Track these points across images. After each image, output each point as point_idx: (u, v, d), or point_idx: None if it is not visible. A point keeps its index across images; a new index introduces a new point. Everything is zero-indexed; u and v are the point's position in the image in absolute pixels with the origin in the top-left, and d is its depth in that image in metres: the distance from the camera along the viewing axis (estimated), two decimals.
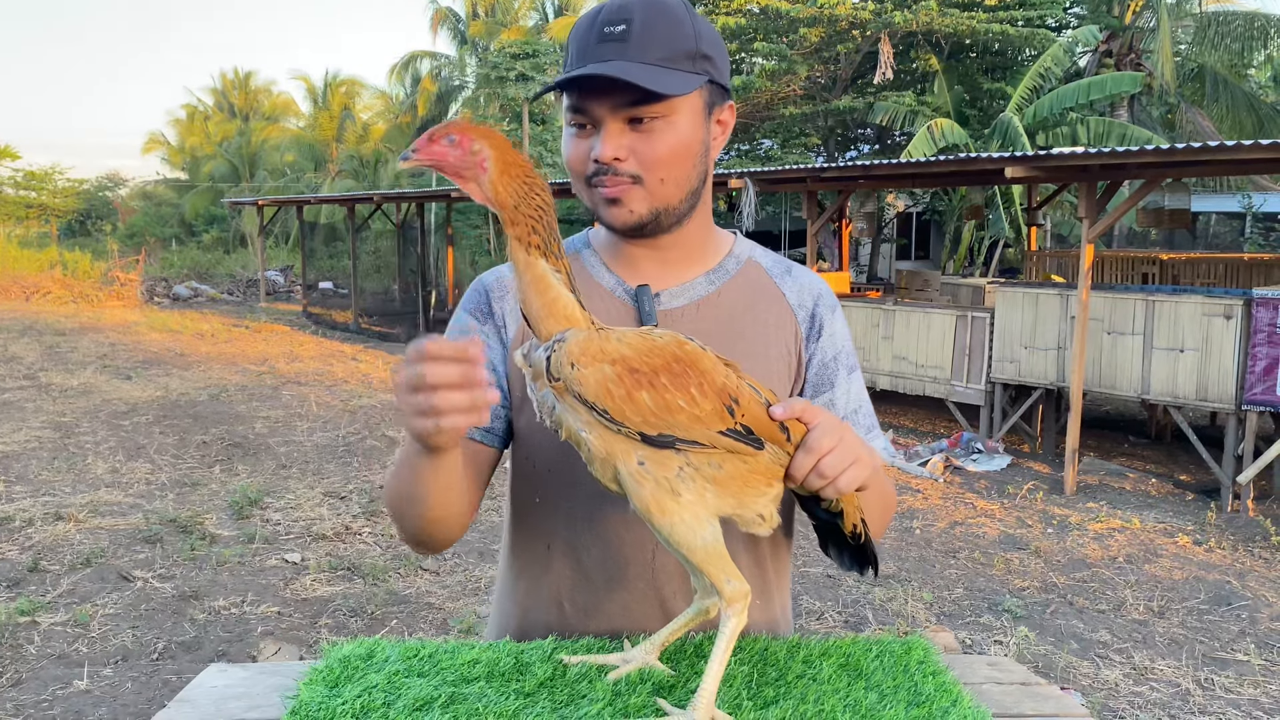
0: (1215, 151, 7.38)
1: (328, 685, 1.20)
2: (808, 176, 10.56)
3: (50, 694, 4.19)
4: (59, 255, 26.75)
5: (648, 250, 1.39)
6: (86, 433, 9.14)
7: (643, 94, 1.24)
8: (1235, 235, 22.53)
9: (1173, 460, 9.40)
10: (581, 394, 1.04)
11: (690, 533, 1.08)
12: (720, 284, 1.42)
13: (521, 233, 1.09)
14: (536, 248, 1.09)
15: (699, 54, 1.28)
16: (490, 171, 1.08)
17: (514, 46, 22.41)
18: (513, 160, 1.09)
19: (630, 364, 1.04)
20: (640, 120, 1.27)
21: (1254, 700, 4.47)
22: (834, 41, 17.57)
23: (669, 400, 1.04)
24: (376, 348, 16.33)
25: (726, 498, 1.09)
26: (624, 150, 1.27)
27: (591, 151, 1.28)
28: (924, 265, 21.86)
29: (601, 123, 1.27)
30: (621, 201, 1.30)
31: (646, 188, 1.30)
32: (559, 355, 1.05)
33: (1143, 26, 19.02)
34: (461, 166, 1.08)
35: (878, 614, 5.33)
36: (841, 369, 1.45)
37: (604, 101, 1.26)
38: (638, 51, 1.23)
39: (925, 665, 1.30)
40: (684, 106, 1.28)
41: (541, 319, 1.10)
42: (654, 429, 1.05)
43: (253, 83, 44.55)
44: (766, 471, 1.10)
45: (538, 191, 1.09)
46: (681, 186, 1.32)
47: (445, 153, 1.08)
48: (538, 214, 1.09)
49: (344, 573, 5.74)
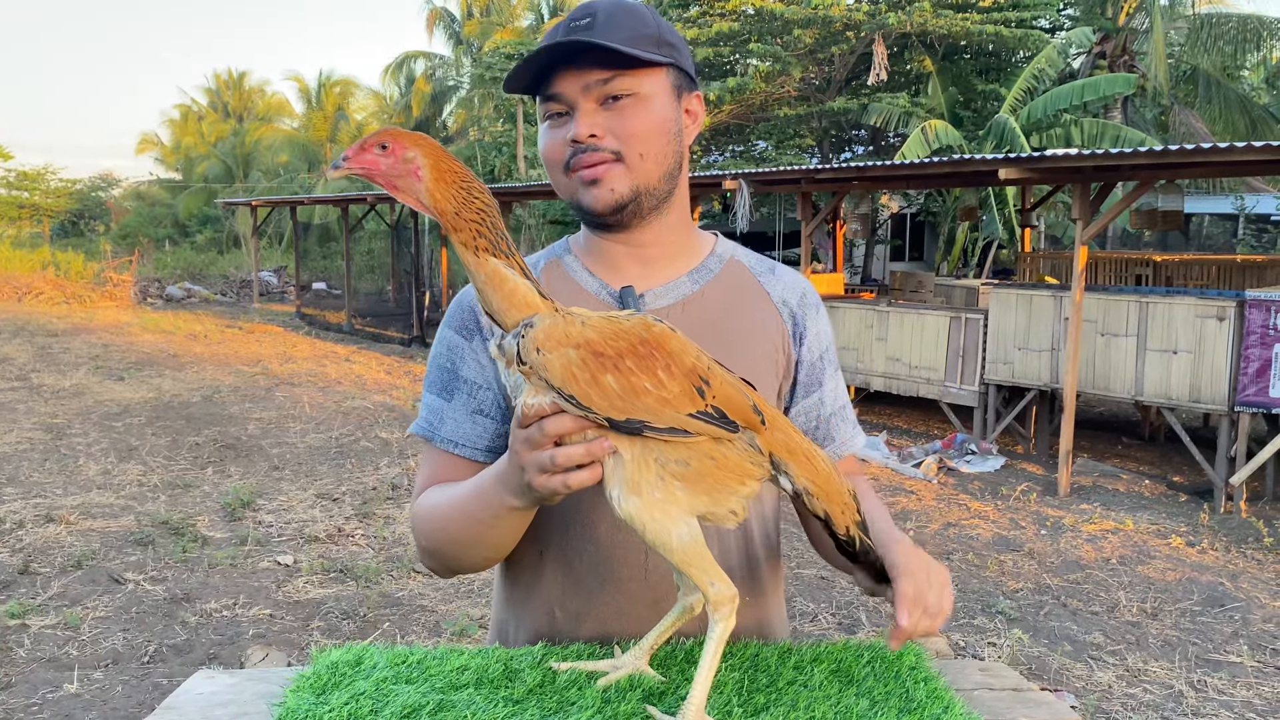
0: (1208, 153, 7.39)
1: (315, 692, 1.19)
2: (802, 178, 10.56)
3: (40, 697, 4.17)
4: (51, 256, 26.66)
5: (628, 249, 1.39)
6: (78, 434, 9.11)
7: (612, 64, 1.27)
8: (1228, 237, 22.58)
9: (1166, 462, 9.42)
10: (548, 379, 1.04)
11: (663, 530, 1.06)
12: (704, 283, 1.42)
13: (466, 238, 1.08)
14: (485, 250, 1.08)
15: (662, 40, 1.32)
16: (425, 180, 1.07)
17: (509, 47, 22.40)
18: (447, 167, 1.07)
19: (594, 348, 1.03)
20: (615, 98, 1.29)
21: (1247, 702, 4.47)
22: (828, 43, 17.57)
23: (634, 383, 1.03)
24: (370, 349, 16.30)
25: (699, 495, 1.08)
26: (599, 128, 1.29)
27: (567, 134, 1.30)
28: (918, 266, 21.88)
29: (575, 106, 1.29)
30: (602, 181, 1.31)
31: (627, 163, 1.31)
32: (526, 341, 1.05)
33: (1136, 28, 19.07)
34: (394, 175, 1.07)
35: (871, 616, 5.33)
36: (829, 367, 1.47)
37: (576, 81, 1.28)
38: (604, 34, 1.26)
39: (917, 671, 1.30)
40: (654, 87, 1.31)
41: (504, 311, 1.09)
42: (621, 413, 1.03)
43: (247, 83, 44.52)
44: (737, 469, 1.08)
45: (476, 195, 1.08)
46: (660, 164, 1.33)
47: (377, 161, 1.06)
48: (480, 217, 1.08)
49: (336, 575, 5.72)
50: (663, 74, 1.32)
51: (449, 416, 1.38)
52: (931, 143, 15.33)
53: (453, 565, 1.35)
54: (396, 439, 9.12)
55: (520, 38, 25.46)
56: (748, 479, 1.10)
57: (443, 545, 1.33)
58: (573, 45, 1.25)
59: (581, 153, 1.29)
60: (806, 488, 1.13)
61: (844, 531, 1.17)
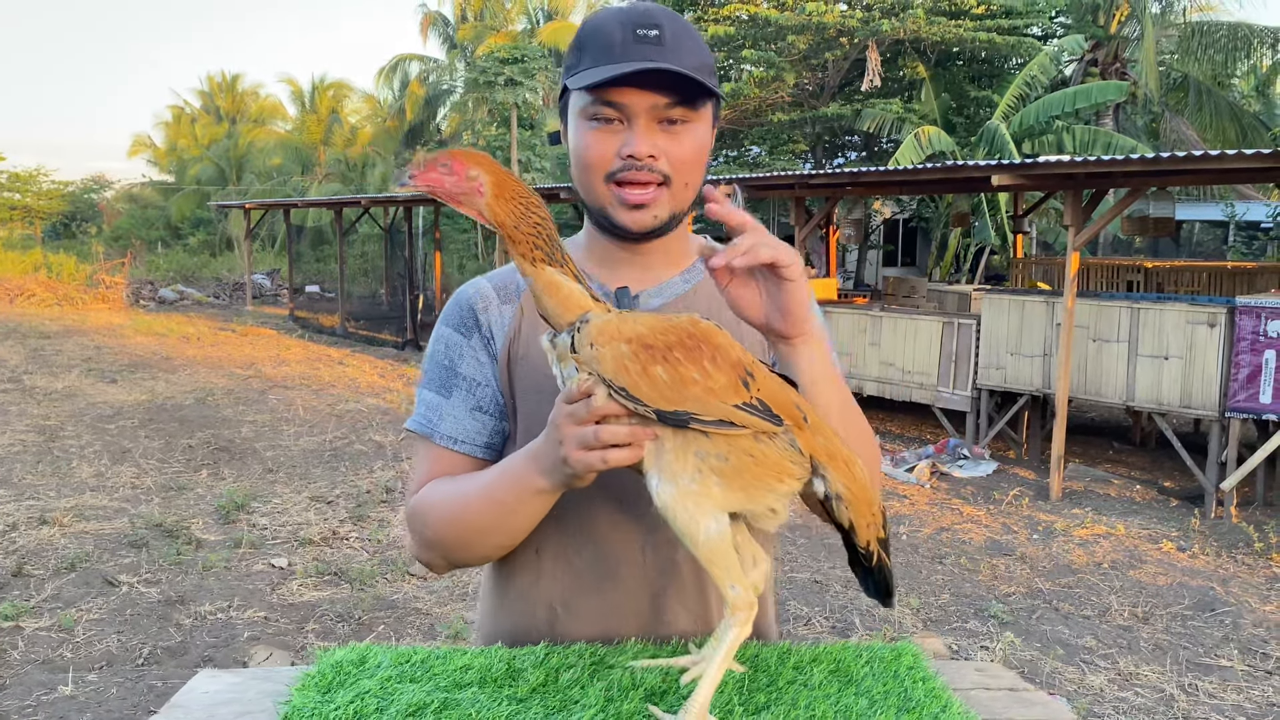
0: (1199, 161, 7.45)
1: (320, 691, 1.20)
2: (796, 183, 10.59)
3: (35, 699, 4.17)
4: (44, 257, 26.57)
5: (632, 254, 1.41)
6: (71, 436, 9.09)
7: (686, 94, 1.29)
8: (1219, 243, 22.70)
9: (1157, 467, 9.46)
10: (600, 371, 1.09)
11: (692, 522, 1.08)
12: (695, 282, 1.45)
13: (525, 249, 1.14)
14: (541, 260, 1.15)
15: (711, 68, 1.34)
16: (486, 196, 1.13)
17: (503, 51, 22.41)
18: (507, 184, 1.14)
19: (645, 340, 1.08)
20: (670, 122, 1.31)
21: (1237, 706, 4.50)
22: (822, 49, 17.63)
23: (682, 373, 1.07)
24: (363, 351, 16.29)
25: (734, 490, 1.09)
26: (657, 149, 1.30)
27: (623, 147, 1.30)
28: (910, 272, 21.95)
29: (634, 120, 1.30)
30: (648, 206, 1.33)
31: (672, 191, 1.33)
32: (581, 335, 1.11)
33: (1128, 36, 19.18)
34: (458, 192, 1.13)
35: (864, 619, 5.35)
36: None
37: (645, 99, 1.29)
38: (675, 56, 1.28)
39: (915, 671, 1.31)
40: (705, 115, 1.34)
41: (559, 314, 1.15)
42: (669, 404, 1.07)
43: (240, 85, 44.41)
44: (776, 466, 1.10)
45: (533, 210, 1.15)
46: (695, 191, 1.37)
47: (441, 180, 1.13)
48: (536, 230, 1.15)
49: (331, 578, 5.72)
50: (710, 105, 1.35)
51: (448, 413, 1.39)
52: (924, 148, 15.39)
53: (456, 557, 1.36)
54: (390, 442, 9.12)
55: (514, 42, 25.47)
56: (786, 477, 1.11)
57: (453, 535, 1.33)
58: (654, 76, 1.26)
59: (635, 169, 1.30)
60: (840, 493, 1.13)
61: (865, 545, 1.17)
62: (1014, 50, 17.13)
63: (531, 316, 1.42)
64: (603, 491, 1.37)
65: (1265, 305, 7.40)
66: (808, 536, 6.63)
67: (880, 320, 10.23)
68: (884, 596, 1.23)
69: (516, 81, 21.62)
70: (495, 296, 1.44)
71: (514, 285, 1.45)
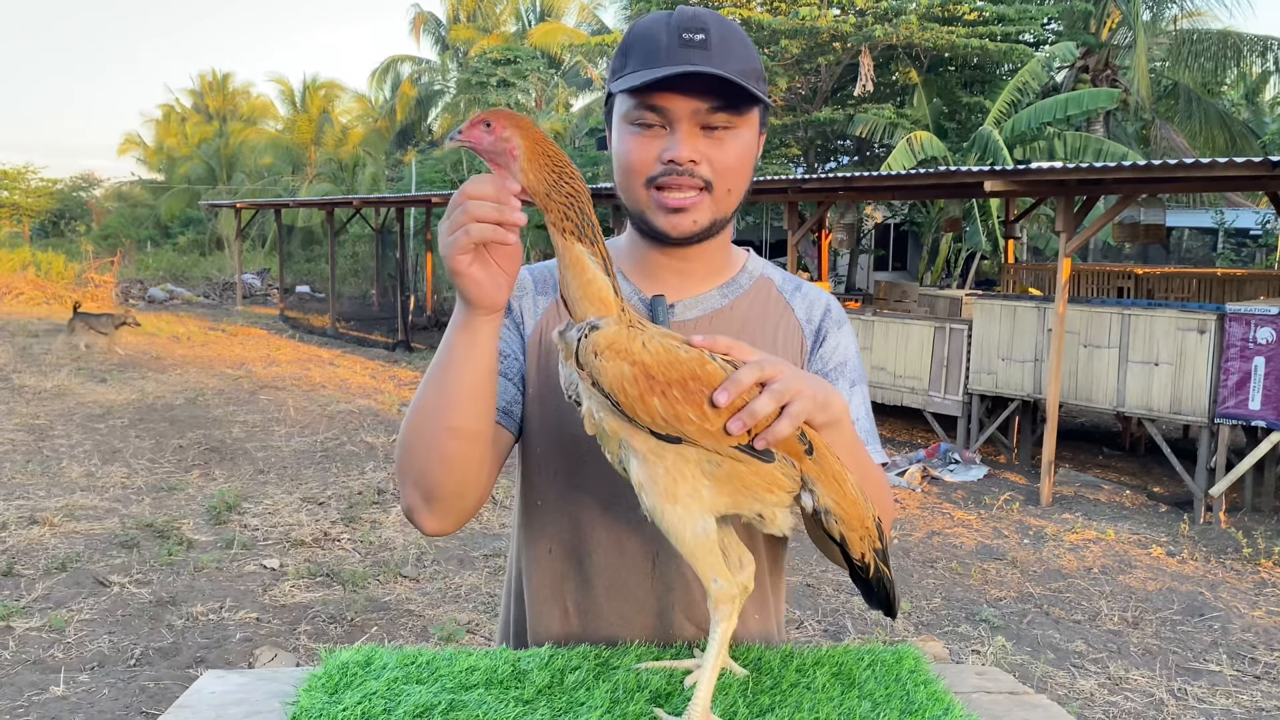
0: (1190, 168, 7.50)
1: (327, 692, 1.21)
2: (789, 187, 10.61)
3: (26, 700, 4.15)
4: (32, 256, 26.43)
5: (674, 261, 1.40)
6: (61, 436, 9.05)
7: (731, 99, 1.27)
8: (1208, 250, 22.82)
9: (1146, 472, 9.51)
10: (598, 382, 1.09)
11: (680, 522, 1.10)
12: (733, 298, 1.44)
13: (555, 218, 1.13)
14: (571, 233, 1.13)
15: (760, 74, 1.32)
16: (520, 159, 1.12)
17: (495, 52, 22.45)
18: (543, 149, 1.13)
19: (648, 370, 1.07)
20: (714, 128, 1.29)
21: (1226, 710, 4.53)
22: (815, 54, 17.67)
23: (679, 412, 1.07)
24: (354, 352, 16.26)
25: (722, 496, 1.11)
26: (699, 154, 1.29)
27: (664, 152, 1.29)
28: (901, 276, 22.01)
29: (676, 124, 1.28)
30: (688, 210, 1.31)
31: (714, 196, 1.32)
32: (587, 342, 1.10)
33: (1119, 43, 19.27)
34: (494, 152, 1.13)
35: (856, 623, 5.36)
36: (843, 380, 1.44)
37: (688, 103, 1.27)
38: (720, 60, 1.26)
39: (916, 674, 1.32)
40: (750, 121, 1.32)
41: (577, 300, 1.14)
42: (663, 430, 1.08)
43: (230, 85, 44.28)
44: (766, 476, 1.11)
45: (568, 179, 1.13)
46: (738, 198, 1.36)
47: (481, 138, 1.13)
48: (568, 200, 1.13)
49: (323, 579, 5.71)
50: (757, 111, 1.33)
51: None
52: (916, 154, 15.44)
53: (422, 457, 1.24)
54: (382, 443, 9.11)
55: (506, 43, 25.49)
56: (776, 489, 1.12)
57: (408, 431, 1.25)
58: (698, 81, 1.24)
59: (676, 174, 1.29)
60: (829, 508, 1.14)
61: (859, 557, 1.18)
62: (1006, 57, 17.19)
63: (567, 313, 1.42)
64: (614, 503, 1.38)
65: (1255, 312, 7.45)
66: (800, 540, 6.64)
67: (872, 325, 10.27)
68: (886, 607, 1.24)
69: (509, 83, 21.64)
70: (532, 286, 1.45)
71: (552, 280, 1.45)
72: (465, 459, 1.24)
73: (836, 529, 1.16)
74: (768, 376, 1.07)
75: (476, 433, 1.23)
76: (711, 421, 1.07)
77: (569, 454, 1.39)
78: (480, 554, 6.22)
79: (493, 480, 1.34)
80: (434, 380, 1.22)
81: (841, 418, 1.19)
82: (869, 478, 1.25)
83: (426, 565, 6.00)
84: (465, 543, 6.41)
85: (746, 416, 1.06)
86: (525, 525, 1.47)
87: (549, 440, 1.40)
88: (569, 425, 1.38)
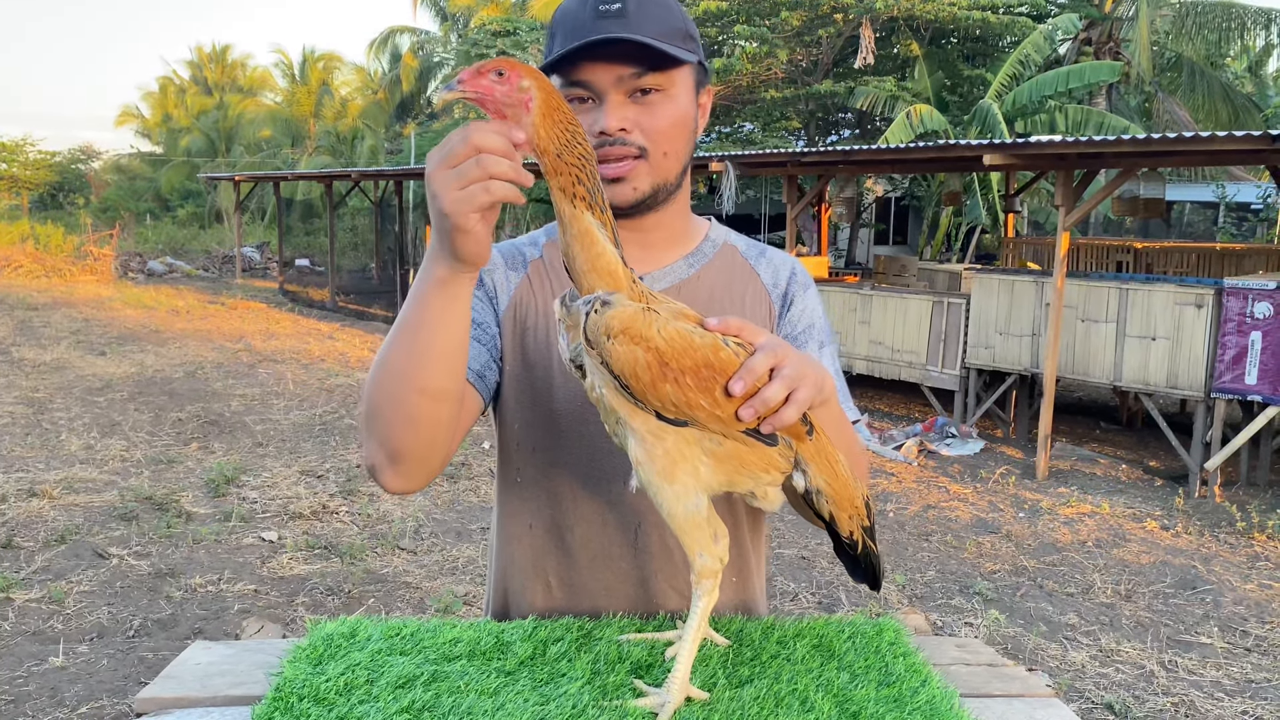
0: (1190, 142, 7.46)
1: (311, 663, 1.22)
2: (788, 160, 10.58)
3: (25, 670, 4.19)
4: (30, 228, 26.37)
5: (631, 234, 1.40)
6: (60, 409, 9.07)
7: (650, 61, 1.27)
8: (1209, 224, 22.76)
9: (1143, 446, 9.53)
10: (609, 365, 1.05)
11: (675, 499, 1.10)
12: (699, 266, 1.45)
13: (565, 183, 1.07)
14: (581, 199, 1.07)
15: (687, 33, 1.32)
16: (534, 113, 1.05)
17: (495, 24, 22.27)
18: (556, 105, 1.06)
19: (663, 357, 1.04)
20: (644, 92, 1.30)
21: (1216, 682, 4.56)
22: (816, 26, 17.56)
23: (691, 399, 1.05)
24: (353, 326, 16.26)
25: (719, 474, 1.11)
26: (629, 122, 1.29)
27: (594, 125, 1.29)
28: (901, 250, 21.96)
29: (603, 96, 1.29)
30: (626, 179, 1.32)
31: (650, 161, 1.32)
32: (598, 320, 1.05)
33: (1122, 16, 19.13)
34: (506, 104, 1.05)
35: (850, 595, 5.40)
36: (811, 342, 1.46)
37: (609, 72, 1.28)
38: (637, 26, 1.26)
39: (896, 646, 1.34)
40: (680, 81, 1.32)
41: (585, 273, 1.09)
42: (672, 415, 1.07)
43: (229, 56, 44.01)
44: (765, 457, 1.12)
45: (580, 141, 1.07)
46: (679, 160, 1.36)
47: (491, 88, 1.05)
48: (580, 163, 1.07)
49: (321, 551, 5.75)
50: (688, 70, 1.33)
51: None
52: (916, 127, 15.36)
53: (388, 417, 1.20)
54: None
55: (506, 14, 25.31)
56: (772, 469, 1.13)
57: (373, 386, 1.21)
58: (613, 49, 1.24)
59: (608, 144, 1.29)
60: (821, 488, 1.16)
61: (847, 535, 1.20)
62: (1008, 29, 17.08)
63: (541, 290, 1.42)
64: (594, 476, 1.39)
65: (1252, 287, 7.44)
66: (795, 514, 6.67)
67: (870, 299, 10.26)
68: (872, 581, 1.26)
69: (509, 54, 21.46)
70: (502, 262, 1.45)
71: (520, 256, 1.46)
72: (434, 419, 1.21)
73: (827, 509, 1.17)
74: (778, 361, 1.06)
75: (448, 392, 1.20)
76: (723, 408, 1.06)
77: (548, 430, 1.40)
78: (477, 526, 6.25)
79: (458, 441, 1.31)
80: (404, 338, 1.16)
81: (831, 397, 1.20)
82: (852, 452, 1.27)
83: (424, 538, 6.03)
84: (463, 515, 6.44)
85: (759, 404, 1.04)
86: (504, 501, 1.48)
87: (527, 417, 1.41)
88: (546, 401, 1.39)
